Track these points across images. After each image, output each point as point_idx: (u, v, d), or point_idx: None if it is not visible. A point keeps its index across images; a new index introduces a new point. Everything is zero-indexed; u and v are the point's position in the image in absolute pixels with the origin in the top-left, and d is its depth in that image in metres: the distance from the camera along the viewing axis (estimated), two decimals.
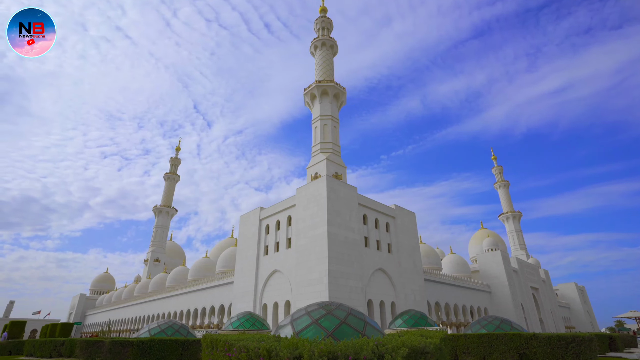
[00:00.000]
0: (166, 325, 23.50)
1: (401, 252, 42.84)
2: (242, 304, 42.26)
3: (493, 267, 65.41)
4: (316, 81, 52.69)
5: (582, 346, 17.07)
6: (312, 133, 51.08)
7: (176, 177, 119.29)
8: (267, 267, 40.97)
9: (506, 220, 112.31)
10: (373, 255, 38.80)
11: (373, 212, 41.36)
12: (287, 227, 40.19)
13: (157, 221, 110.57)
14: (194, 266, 66.49)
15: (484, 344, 19.47)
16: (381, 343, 6.13)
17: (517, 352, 18.26)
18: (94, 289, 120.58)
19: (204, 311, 54.61)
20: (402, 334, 7.69)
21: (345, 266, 34.04)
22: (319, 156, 47.24)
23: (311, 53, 59.59)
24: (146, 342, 18.50)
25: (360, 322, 9.46)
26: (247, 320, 27.49)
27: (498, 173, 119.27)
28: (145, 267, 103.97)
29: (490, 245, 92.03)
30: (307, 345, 5.86)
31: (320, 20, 60.49)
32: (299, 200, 38.68)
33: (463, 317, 56.53)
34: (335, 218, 35.07)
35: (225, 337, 7.77)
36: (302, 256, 35.51)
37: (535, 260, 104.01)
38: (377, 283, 38.04)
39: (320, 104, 51.43)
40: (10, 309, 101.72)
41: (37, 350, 28.89)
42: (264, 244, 43.06)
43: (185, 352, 19.06)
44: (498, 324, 22.31)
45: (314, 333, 8.82)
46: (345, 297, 32.58)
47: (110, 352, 18.52)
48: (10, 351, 33.83)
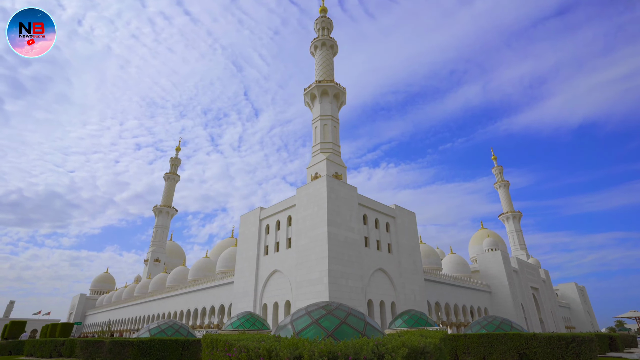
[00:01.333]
0: (166, 325, 23.49)
1: (401, 252, 42.83)
2: (242, 304, 42.27)
3: (493, 267, 65.43)
4: (316, 81, 52.72)
5: (582, 346, 17.07)
6: (312, 133, 51.18)
7: (176, 177, 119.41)
8: (267, 267, 40.98)
9: (506, 220, 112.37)
10: (373, 255, 38.79)
11: (373, 212, 41.36)
12: (287, 227, 40.20)
13: (157, 221, 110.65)
14: (194, 266, 66.51)
15: (484, 344, 19.47)
16: (381, 343, 6.13)
17: (517, 352, 18.26)
18: (94, 289, 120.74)
19: (204, 311, 54.61)
20: (402, 334, 7.69)
21: (345, 266, 34.03)
22: (319, 156, 47.31)
23: (311, 53, 59.62)
24: (146, 342, 18.50)
25: (360, 322, 9.45)
26: (247, 320, 27.49)
27: (498, 173, 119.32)
28: (146, 267, 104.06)
29: (490, 245, 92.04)
30: (307, 345, 5.86)
31: (320, 20, 60.50)
32: (299, 200, 38.68)
33: (463, 317, 56.52)
34: (335, 218, 35.06)
35: (226, 337, 7.77)
36: (302, 256, 35.50)
37: (535, 260, 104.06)
38: (377, 283, 38.03)
39: (321, 104, 51.48)
40: (10, 309, 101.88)
41: (37, 350, 28.88)
42: (264, 244, 43.06)
43: (185, 352, 19.06)
44: (498, 324, 22.29)
45: (314, 333, 8.82)
46: (345, 297, 32.57)
47: (110, 352, 18.51)
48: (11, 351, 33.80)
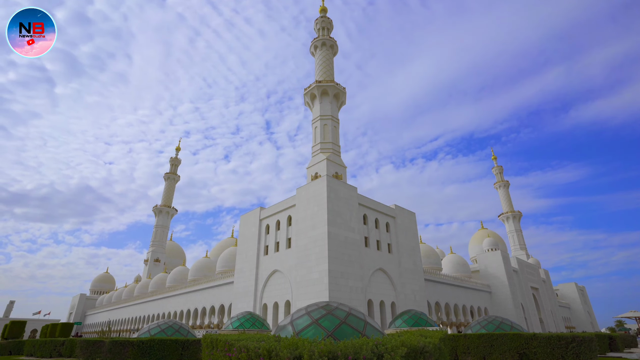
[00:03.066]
0: (166, 325, 23.49)
1: (401, 252, 42.82)
2: (242, 304, 42.26)
3: (493, 267, 65.42)
4: (316, 81, 52.72)
5: (582, 346, 17.07)
6: (312, 133, 51.21)
7: (176, 177, 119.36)
8: (267, 267, 40.97)
9: (506, 220, 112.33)
10: (373, 255, 38.79)
11: (373, 212, 41.35)
12: (287, 227, 40.19)
13: (157, 221, 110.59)
14: (194, 266, 66.50)
15: (484, 344, 19.47)
16: (381, 343, 6.13)
17: (517, 352, 18.26)
18: (94, 289, 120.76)
19: (204, 311, 54.60)
20: (402, 334, 7.69)
21: (345, 266, 34.02)
22: (319, 156, 47.33)
23: (311, 53, 59.60)
24: (146, 342, 18.50)
25: (360, 322, 9.46)
26: (247, 320, 27.48)
27: (498, 173, 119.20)
28: (145, 267, 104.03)
29: (490, 245, 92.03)
30: (307, 345, 5.86)
31: (320, 20, 60.49)
32: (299, 200, 38.67)
33: (463, 317, 56.51)
34: (335, 218, 35.06)
35: (226, 337, 7.77)
36: (302, 256, 35.50)
37: (536, 260, 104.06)
38: (377, 283, 38.02)
39: (321, 104, 51.49)
40: (10, 309, 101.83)
41: (37, 350, 28.89)
42: (264, 244, 43.06)
43: (185, 352, 19.06)
44: (498, 324, 22.30)
45: (314, 333, 8.82)
46: (345, 297, 32.56)
47: (110, 352, 18.52)
48: (11, 351, 33.81)
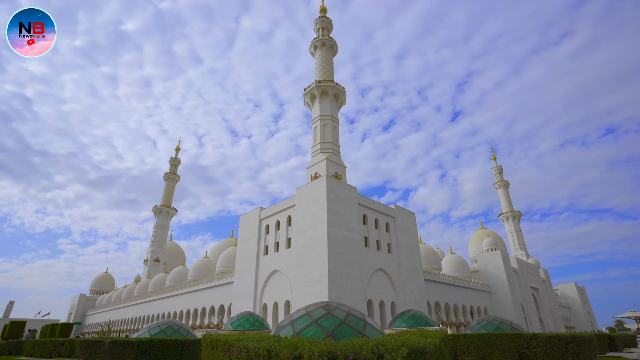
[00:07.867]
0: (166, 325, 23.47)
1: (401, 252, 42.84)
2: (242, 304, 42.26)
3: (493, 267, 65.45)
4: (316, 81, 52.75)
5: (582, 346, 17.07)
6: (312, 133, 51.23)
7: (176, 177, 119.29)
8: (267, 267, 40.97)
9: (506, 220, 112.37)
10: (373, 255, 38.80)
11: (373, 212, 41.36)
12: (287, 227, 40.19)
13: (156, 221, 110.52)
14: (193, 266, 66.49)
15: (484, 344, 19.47)
16: (381, 343, 6.13)
17: (517, 352, 18.26)
18: (94, 289, 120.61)
19: (204, 311, 54.60)
20: (402, 334, 7.68)
21: (345, 266, 34.03)
22: (319, 156, 47.35)
23: (311, 53, 59.61)
24: (146, 342, 18.49)
25: (360, 322, 9.45)
26: (247, 320, 27.45)
27: (497, 173, 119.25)
28: (145, 267, 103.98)
29: (490, 245, 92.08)
30: (307, 345, 5.86)
31: (320, 20, 60.50)
32: (299, 200, 38.68)
33: (463, 317, 56.53)
34: (335, 218, 35.06)
35: (225, 337, 7.76)
36: (302, 256, 35.50)
37: (535, 260, 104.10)
38: (377, 283, 38.03)
39: (320, 104, 51.51)
40: (10, 309, 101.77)
41: (37, 351, 28.85)
42: (263, 244, 43.06)
43: (185, 352, 19.04)
44: (498, 324, 22.30)
45: (314, 333, 8.81)
46: (345, 297, 32.57)
47: (110, 352, 18.50)
48: (10, 351, 33.77)
